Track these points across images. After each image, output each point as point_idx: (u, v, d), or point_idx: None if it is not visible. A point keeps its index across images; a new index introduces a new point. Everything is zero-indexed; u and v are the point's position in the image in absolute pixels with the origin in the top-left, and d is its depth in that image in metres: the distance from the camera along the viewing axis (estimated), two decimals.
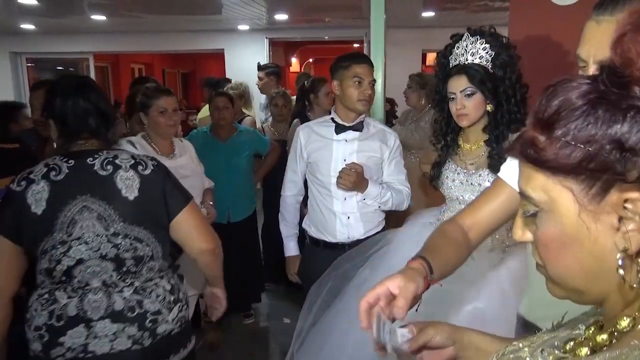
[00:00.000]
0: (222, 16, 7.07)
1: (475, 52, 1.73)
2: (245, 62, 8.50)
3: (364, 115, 2.29)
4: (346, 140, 2.27)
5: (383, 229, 2.34)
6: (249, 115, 4.37)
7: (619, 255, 0.52)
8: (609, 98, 0.51)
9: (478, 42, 1.73)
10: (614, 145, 0.49)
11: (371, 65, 2.27)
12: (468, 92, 1.74)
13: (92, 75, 9.46)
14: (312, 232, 2.37)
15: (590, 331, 0.61)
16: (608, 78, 0.51)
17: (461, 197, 1.86)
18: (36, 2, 5.74)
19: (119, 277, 1.55)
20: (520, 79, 1.76)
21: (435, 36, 7.89)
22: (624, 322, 0.54)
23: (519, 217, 0.63)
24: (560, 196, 0.54)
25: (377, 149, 2.28)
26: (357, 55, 2.34)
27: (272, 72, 4.78)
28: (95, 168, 1.54)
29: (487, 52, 1.73)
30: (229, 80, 5.25)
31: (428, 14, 6.89)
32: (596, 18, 1.07)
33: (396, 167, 2.34)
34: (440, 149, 1.96)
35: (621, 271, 0.52)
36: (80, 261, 1.51)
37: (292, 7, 6.56)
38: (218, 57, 9.23)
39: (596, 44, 1.07)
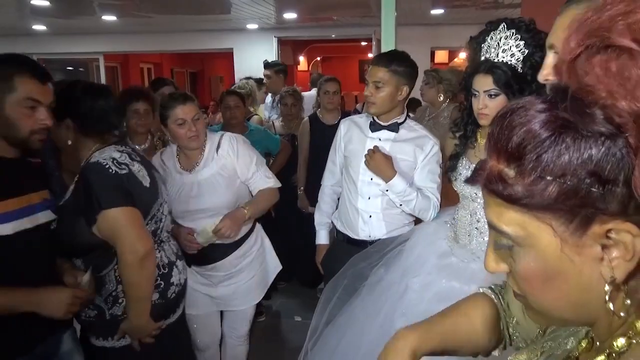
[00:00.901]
0: (231, 15, 7.09)
1: (507, 49, 1.67)
2: (254, 61, 8.50)
3: (402, 116, 2.24)
4: (380, 140, 2.22)
5: None
6: (256, 114, 4.38)
7: (607, 287, 0.50)
8: (573, 126, 0.47)
9: (513, 37, 1.66)
10: (592, 179, 0.46)
11: (383, 66, 2.17)
12: (492, 93, 1.71)
13: (102, 75, 9.55)
14: (339, 226, 2.37)
15: (583, 346, 0.59)
16: (570, 105, 0.48)
17: (474, 194, 1.87)
18: (48, 3, 5.80)
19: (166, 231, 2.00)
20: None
21: (444, 34, 7.89)
22: (620, 342, 0.53)
23: (490, 248, 0.59)
24: (539, 231, 0.51)
25: (411, 153, 2.19)
26: (376, 56, 2.34)
27: (281, 70, 4.77)
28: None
29: (519, 50, 1.66)
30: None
31: (437, 11, 6.86)
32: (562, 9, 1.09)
33: (429, 174, 2.20)
34: (459, 137, 1.96)
35: (611, 305, 0.50)
36: (164, 218, 1.92)
37: (301, 6, 6.56)
38: (226, 56, 9.26)
39: (554, 34, 1.10)
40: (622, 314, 0.51)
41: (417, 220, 2.28)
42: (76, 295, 1.58)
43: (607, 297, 0.50)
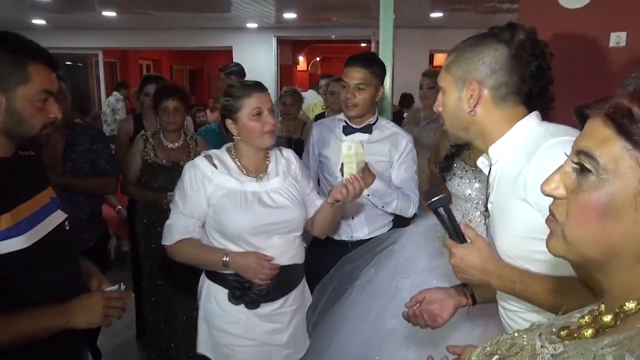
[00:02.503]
0: (230, 14, 7.10)
1: None
2: (253, 60, 8.52)
3: (374, 118, 2.24)
4: None
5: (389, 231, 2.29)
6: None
7: None
8: None
9: None
10: None
11: (364, 67, 2.14)
12: None
13: (101, 70, 9.54)
14: None
15: (585, 320, 0.62)
16: None
17: (467, 194, 1.89)
18: None
19: None
20: (547, 91, 1.72)
21: (443, 37, 7.90)
22: (631, 304, 0.56)
23: (558, 172, 0.62)
24: (627, 171, 0.54)
25: (386, 152, 2.20)
26: (351, 58, 2.22)
27: (233, 72, 4.54)
28: None
29: None
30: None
31: (436, 14, 6.89)
32: None
33: (406, 171, 2.21)
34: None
35: None
36: None
37: (301, 5, 6.58)
38: (226, 54, 9.27)
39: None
40: None
41: (397, 219, 2.31)
42: (110, 297, 1.37)
43: None
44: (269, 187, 1.79)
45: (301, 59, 13.69)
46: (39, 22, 7.84)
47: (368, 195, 2.12)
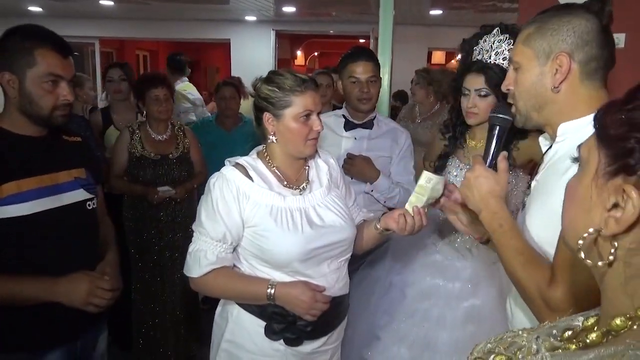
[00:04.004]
0: (229, 6, 7.06)
1: (500, 52, 1.70)
2: (251, 53, 8.50)
3: (374, 113, 2.23)
4: (355, 138, 2.21)
5: None
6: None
7: (590, 230, 0.58)
8: None
9: (506, 41, 1.69)
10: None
11: (370, 61, 2.14)
12: (482, 93, 1.74)
13: (97, 60, 9.46)
14: None
15: (589, 323, 0.63)
16: None
17: None
18: None
19: None
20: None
21: (442, 34, 7.90)
22: (618, 321, 0.56)
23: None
24: (593, 159, 0.60)
25: (387, 148, 2.20)
26: (354, 53, 2.20)
27: (175, 69, 4.45)
28: None
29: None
30: None
31: (436, 12, 6.88)
32: None
33: (405, 167, 2.22)
34: (447, 139, 1.98)
35: (580, 241, 0.59)
36: None
37: None
38: (223, 46, 9.23)
39: (514, 49, 1.19)
40: (587, 261, 0.59)
41: None
42: (97, 284, 1.44)
43: (584, 235, 0.58)
44: (315, 202, 1.49)
45: (299, 53, 13.64)
46: (35, 9, 7.76)
47: (372, 190, 2.12)
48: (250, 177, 1.43)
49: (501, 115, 1.13)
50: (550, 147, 1.15)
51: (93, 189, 1.60)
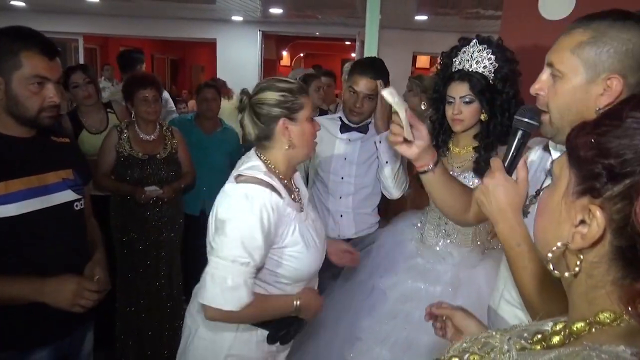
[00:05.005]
0: (216, 6, 7.04)
1: (480, 61, 1.75)
2: (237, 53, 8.49)
3: (371, 119, 2.29)
4: (349, 140, 2.28)
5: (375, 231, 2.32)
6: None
7: (559, 244, 0.61)
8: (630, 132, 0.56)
9: (485, 50, 1.74)
10: (607, 169, 0.56)
11: (375, 79, 2.17)
12: (467, 100, 1.77)
13: (81, 56, 9.36)
14: None
15: (557, 327, 0.66)
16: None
17: None
18: None
19: None
20: (518, 94, 1.77)
21: (427, 39, 7.98)
22: (579, 325, 0.59)
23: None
24: (564, 176, 0.63)
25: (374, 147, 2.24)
26: (364, 65, 2.26)
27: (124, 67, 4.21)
28: None
29: (491, 63, 1.74)
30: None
31: (421, 17, 6.95)
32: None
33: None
34: None
35: (550, 254, 0.62)
36: None
37: (288, 1, 6.56)
38: (208, 45, 9.20)
39: (555, 52, 1.05)
40: (555, 273, 0.63)
41: (386, 209, 2.36)
42: (84, 286, 1.44)
43: (553, 248, 0.61)
44: (308, 212, 1.48)
45: (285, 54, 13.65)
46: (18, 3, 7.64)
47: (380, 142, 2.13)
48: (280, 194, 1.34)
49: (527, 120, 1.04)
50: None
51: (81, 190, 1.61)
